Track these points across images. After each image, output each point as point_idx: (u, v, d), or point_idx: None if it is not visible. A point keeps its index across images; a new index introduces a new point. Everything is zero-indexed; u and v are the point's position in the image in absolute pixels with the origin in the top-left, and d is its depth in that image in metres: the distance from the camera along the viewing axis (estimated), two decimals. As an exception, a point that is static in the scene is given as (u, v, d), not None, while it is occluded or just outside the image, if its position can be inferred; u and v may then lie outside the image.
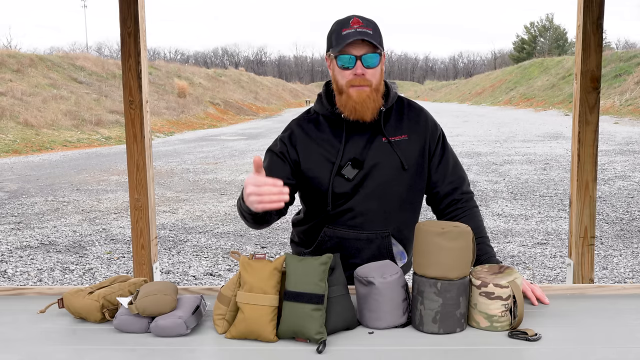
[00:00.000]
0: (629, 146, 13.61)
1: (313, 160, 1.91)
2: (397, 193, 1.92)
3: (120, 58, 2.27)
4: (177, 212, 7.60)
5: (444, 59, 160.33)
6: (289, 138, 1.94)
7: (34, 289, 1.96)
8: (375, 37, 1.81)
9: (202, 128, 24.88)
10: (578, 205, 2.22)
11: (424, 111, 2.02)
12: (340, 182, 1.88)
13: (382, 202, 1.90)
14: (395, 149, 1.90)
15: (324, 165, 1.89)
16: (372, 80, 1.83)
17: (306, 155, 1.91)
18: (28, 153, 15.20)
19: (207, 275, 5.00)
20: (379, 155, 1.89)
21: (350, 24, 1.82)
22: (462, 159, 11.96)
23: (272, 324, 1.52)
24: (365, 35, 1.78)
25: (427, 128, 1.98)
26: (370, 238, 1.91)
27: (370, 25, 1.83)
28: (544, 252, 5.49)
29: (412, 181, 1.93)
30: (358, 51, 1.80)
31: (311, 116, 1.98)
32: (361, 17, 1.85)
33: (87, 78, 26.12)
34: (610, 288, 1.88)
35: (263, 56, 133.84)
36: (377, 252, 1.92)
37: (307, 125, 1.96)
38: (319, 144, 1.91)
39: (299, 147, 1.92)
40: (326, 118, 1.94)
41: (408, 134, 1.94)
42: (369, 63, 1.81)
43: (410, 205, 1.97)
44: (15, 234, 6.56)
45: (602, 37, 2.17)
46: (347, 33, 1.80)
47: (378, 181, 1.89)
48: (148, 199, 2.30)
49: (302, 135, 1.93)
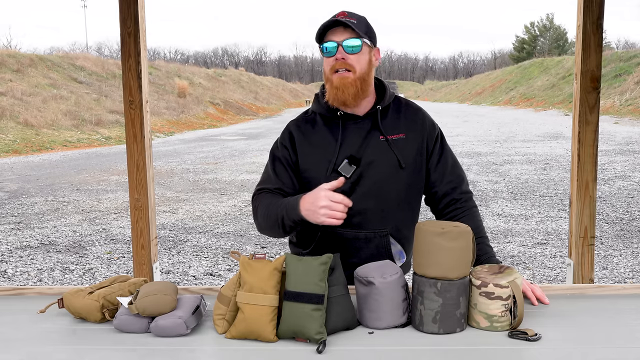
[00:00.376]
0: (629, 146, 13.61)
1: (310, 161, 1.92)
2: (394, 192, 1.91)
3: (120, 58, 2.27)
4: (177, 212, 7.60)
5: (444, 59, 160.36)
6: (289, 140, 1.96)
7: (34, 289, 1.96)
8: (358, 26, 1.84)
9: (202, 128, 24.88)
10: (578, 205, 2.22)
11: (421, 110, 2.02)
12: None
13: (380, 200, 1.90)
14: (392, 148, 1.90)
15: (321, 165, 1.90)
16: (355, 66, 1.84)
17: (303, 156, 1.93)
18: (28, 153, 15.20)
19: (207, 275, 5.00)
20: (375, 153, 1.89)
21: (336, 16, 1.86)
22: (462, 159, 11.96)
23: (272, 324, 1.52)
24: (346, 21, 1.82)
25: (425, 127, 1.98)
26: (368, 237, 1.91)
27: (355, 17, 1.87)
28: (544, 252, 5.49)
29: (409, 180, 1.93)
30: (339, 37, 1.84)
31: (308, 116, 1.99)
32: (349, 11, 1.88)
33: (87, 78, 26.12)
34: (610, 288, 1.88)
35: (263, 56, 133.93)
36: (375, 251, 1.92)
37: (304, 125, 1.97)
38: (316, 144, 1.92)
39: (297, 148, 1.94)
40: (322, 117, 1.95)
41: (405, 132, 1.94)
42: (350, 48, 1.83)
43: (409, 205, 1.97)
44: (15, 234, 6.56)
45: (602, 37, 2.17)
46: (328, 20, 1.85)
47: (374, 179, 1.89)
48: (148, 199, 2.30)
49: (300, 137, 1.94)
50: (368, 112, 1.92)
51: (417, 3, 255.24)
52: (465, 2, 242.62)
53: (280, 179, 1.94)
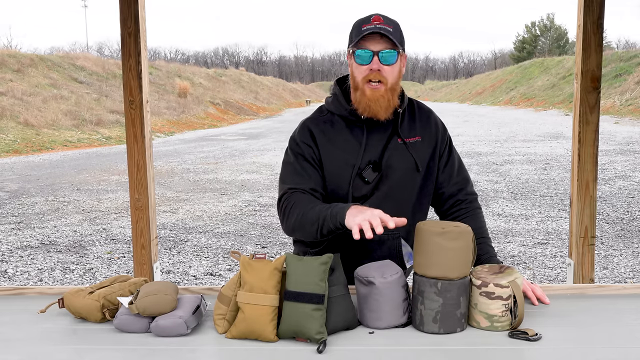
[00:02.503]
0: (629, 146, 13.60)
1: (332, 162, 1.87)
2: (409, 194, 1.91)
3: (120, 58, 2.27)
4: (177, 212, 7.60)
5: (444, 58, 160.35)
6: (311, 138, 1.89)
7: (34, 288, 1.96)
8: (395, 34, 1.79)
9: (202, 128, 24.87)
10: (578, 205, 2.22)
11: (433, 113, 2.02)
12: (359, 185, 1.86)
13: (395, 203, 1.88)
14: (410, 151, 1.89)
15: (343, 168, 1.86)
16: (388, 78, 1.80)
17: (326, 154, 1.88)
18: (28, 153, 15.20)
19: (207, 275, 5.00)
20: (394, 156, 1.88)
21: (371, 21, 1.80)
22: (462, 159, 11.95)
23: (272, 324, 1.52)
24: (384, 30, 1.76)
25: (438, 130, 1.98)
26: (382, 239, 1.89)
27: (392, 24, 1.81)
28: (545, 252, 5.49)
29: (423, 183, 1.93)
30: (376, 47, 1.78)
31: (325, 116, 1.94)
32: (383, 15, 1.82)
33: (87, 78, 26.11)
34: (611, 288, 1.88)
35: (263, 56, 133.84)
36: (387, 253, 1.91)
37: (322, 124, 1.91)
38: (338, 145, 1.88)
39: (320, 146, 1.88)
40: (343, 118, 1.90)
41: (421, 135, 1.93)
42: (386, 60, 1.78)
43: (420, 207, 1.96)
44: (16, 233, 6.56)
45: (602, 37, 2.17)
46: (366, 28, 1.78)
47: (392, 182, 1.88)
48: (148, 199, 2.30)
49: (320, 135, 1.89)
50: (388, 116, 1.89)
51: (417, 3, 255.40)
52: (466, 2, 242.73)
53: (313, 179, 1.86)
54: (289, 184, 1.87)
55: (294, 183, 1.86)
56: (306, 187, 1.85)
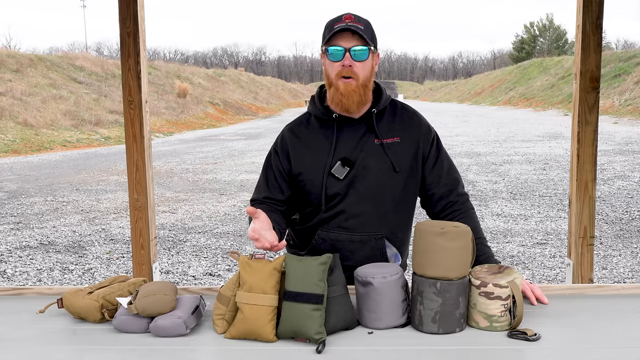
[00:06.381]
0: (628, 146, 13.61)
1: (304, 163, 1.92)
2: (389, 195, 1.92)
3: (119, 58, 2.27)
4: (176, 212, 7.60)
5: (443, 59, 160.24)
6: (281, 146, 1.98)
7: (33, 289, 1.96)
8: (366, 32, 1.84)
9: (201, 128, 24.87)
10: (577, 205, 2.22)
11: (417, 114, 2.02)
12: (332, 182, 1.89)
13: (375, 204, 1.90)
14: (386, 151, 1.90)
15: (316, 167, 1.91)
16: (359, 74, 1.84)
17: (297, 160, 1.94)
18: (27, 153, 15.19)
19: (206, 275, 5.00)
20: (370, 157, 1.90)
21: (343, 19, 1.85)
22: (461, 159, 11.97)
23: (271, 324, 1.52)
24: (355, 28, 1.81)
25: (421, 131, 1.98)
26: (363, 240, 1.91)
27: (362, 22, 1.86)
28: (544, 252, 5.49)
29: (405, 184, 1.93)
30: (347, 43, 1.83)
31: (303, 118, 2.01)
32: (354, 14, 1.88)
33: (86, 78, 26.10)
34: (610, 288, 1.88)
35: (262, 56, 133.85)
36: (370, 253, 1.92)
37: (298, 128, 1.99)
38: (310, 146, 1.93)
39: (291, 153, 1.95)
40: (318, 118, 1.96)
41: (401, 136, 1.94)
42: (357, 56, 1.83)
43: (404, 208, 1.97)
44: (15, 234, 6.56)
45: (601, 37, 2.17)
46: (337, 26, 1.83)
47: (369, 183, 1.89)
48: (147, 199, 2.30)
49: (293, 141, 1.96)
50: (363, 115, 1.93)
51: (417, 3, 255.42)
52: (466, 2, 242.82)
53: (270, 188, 1.97)
54: (253, 195, 2.03)
55: (255, 193, 2.02)
56: (261, 197, 1.97)
